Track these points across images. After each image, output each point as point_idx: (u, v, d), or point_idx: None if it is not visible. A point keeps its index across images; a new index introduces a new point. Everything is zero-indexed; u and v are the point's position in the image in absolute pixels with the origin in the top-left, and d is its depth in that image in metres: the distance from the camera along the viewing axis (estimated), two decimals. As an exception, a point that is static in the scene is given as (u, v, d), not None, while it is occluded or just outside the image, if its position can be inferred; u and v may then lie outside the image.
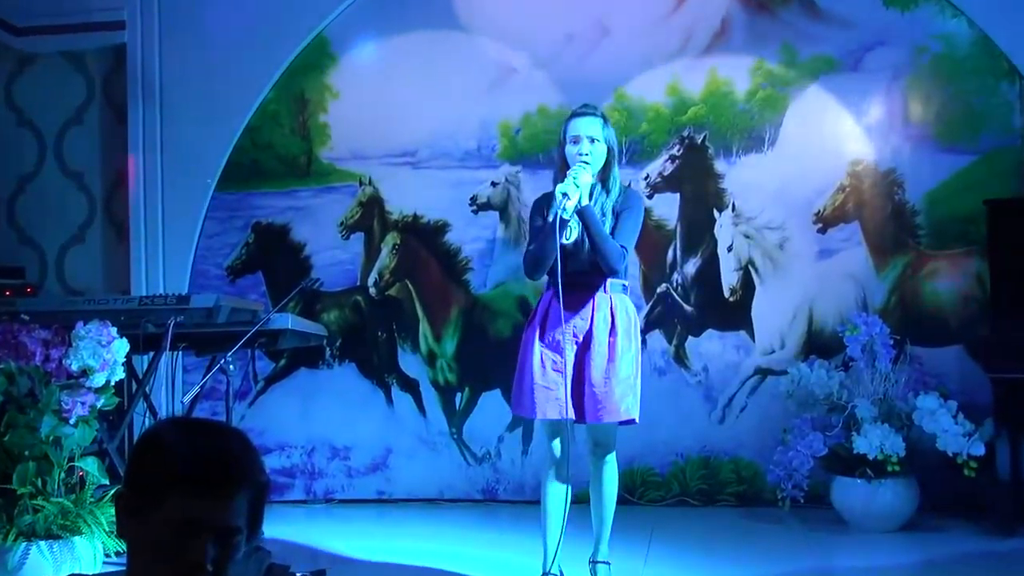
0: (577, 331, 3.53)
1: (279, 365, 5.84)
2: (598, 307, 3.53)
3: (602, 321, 3.52)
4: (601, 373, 3.49)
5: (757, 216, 5.43)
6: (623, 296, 3.61)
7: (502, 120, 5.63)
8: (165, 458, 1.53)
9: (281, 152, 5.85)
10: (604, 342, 3.51)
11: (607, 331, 3.52)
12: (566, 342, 3.51)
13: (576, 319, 3.53)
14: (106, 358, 3.81)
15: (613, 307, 3.55)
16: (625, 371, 3.52)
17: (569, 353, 3.51)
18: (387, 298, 5.75)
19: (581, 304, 3.53)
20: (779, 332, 5.40)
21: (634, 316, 3.62)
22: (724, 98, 5.47)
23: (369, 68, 5.79)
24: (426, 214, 5.72)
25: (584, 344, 3.53)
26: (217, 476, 1.52)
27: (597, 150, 3.56)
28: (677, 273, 5.50)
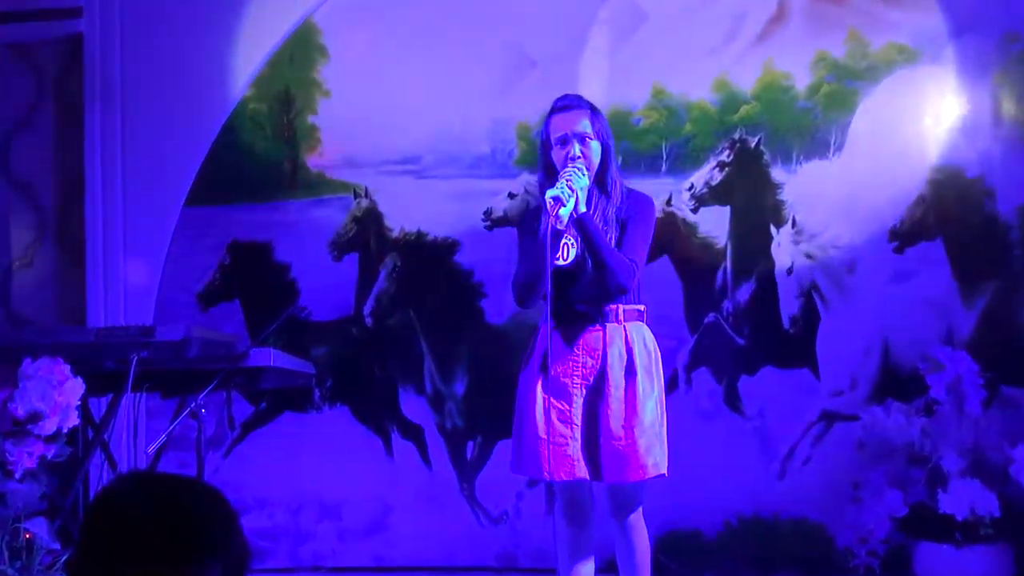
0: (587, 372, 3.48)
1: (259, 409, 5.86)
2: (611, 341, 3.48)
3: (617, 358, 3.47)
4: (620, 422, 3.44)
5: (821, 233, 5.42)
6: (640, 325, 3.55)
7: (520, 121, 5.64)
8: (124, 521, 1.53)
9: (262, 159, 5.88)
10: (620, 384, 3.46)
11: (623, 370, 3.47)
12: (574, 386, 3.46)
13: (585, 358, 3.48)
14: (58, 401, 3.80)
15: (629, 340, 3.49)
16: (649, 418, 3.47)
17: (578, 400, 3.46)
18: (386, 329, 5.76)
19: (589, 339, 3.48)
20: (848, 370, 5.38)
21: (655, 349, 3.57)
22: (781, 94, 5.47)
23: (365, 61, 5.81)
24: (432, 231, 5.74)
25: (596, 388, 3.48)
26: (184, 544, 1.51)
27: (591, 150, 3.51)
28: (727, 300, 5.49)
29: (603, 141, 3.53)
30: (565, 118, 3.52)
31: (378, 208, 5.77)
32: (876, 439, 5.02)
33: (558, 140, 3.52)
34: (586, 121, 3.51)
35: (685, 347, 5.48)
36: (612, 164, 3.56)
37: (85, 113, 5.95)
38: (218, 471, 5.65)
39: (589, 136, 3.50)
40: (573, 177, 3.39)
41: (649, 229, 3.56)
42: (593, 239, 3.40)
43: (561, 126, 3.52)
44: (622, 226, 3.50)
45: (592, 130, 3.51)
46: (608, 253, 3.41)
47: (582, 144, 3.49)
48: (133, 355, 4.31)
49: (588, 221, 3.41)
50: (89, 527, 1.57)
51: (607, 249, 3.41)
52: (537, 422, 3.47)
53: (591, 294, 3.48)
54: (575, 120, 3.51)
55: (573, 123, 3.50)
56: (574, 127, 3.50)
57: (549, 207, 3.36)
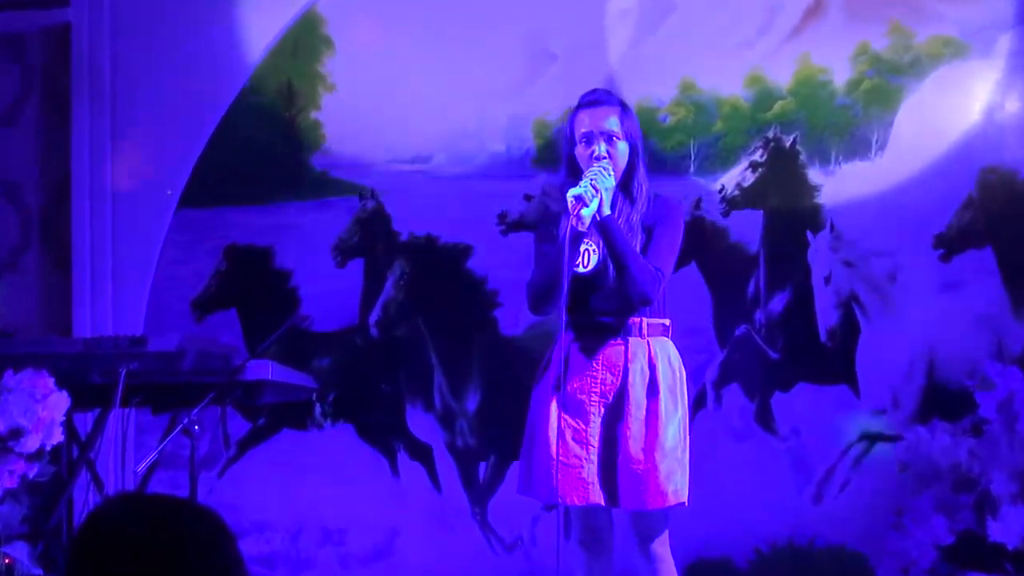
0: (606, 389, 3.47)
1: (257, 425, 5.85)
2: (633, 356, 3.47)
3: (638, 375, 3.46)
4: (639, 445, 3.43)
5: (862, 239, 5.40)
6: (665, 341, 3.55)
7: (538, 117, 5.64)
8: (113, 546, 1.53)
9: (262, 157, 5.87)
10: (642, 404, 3.45)
11: (645, 389, 3.46)
12: (591, 404, 3.45)
13: (604, 374, 3.47)
14: (41, 416, 3.80)
15: (652, 356, 3.49)
16: (671, 441, 3.46)
17: (595, 419, 3.46)
18: (393, 341, 5.76)
19: (609, 353, 3.47)
20: (890, 386, 5.35)
21: (680, 367, 3.56)
22: (819, 90, 5.45)
23: (372, 53, 5.81)
24: (442, 235, 5.73)
25: (615, 406, 3.46)
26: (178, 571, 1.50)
27: (618, 150, 3.51)
28: (760, 311, 5.47)
29: (632, 141, 3.53)
30: (592, 114, 3.52)
31: (385, 210, 5.76)
32: (920, 461, 4.98)
33: (583, 137, 3.52)
34: (615, 119, 3.51)
35: (714, 362, 5.46)
36: (640, 166, 3.56)
37: (73, 108, 5.96)
38: (212, 492, 5.65)
39: (617, 135, 3.50)
40: (598, 177, 3.39)
41: (677, 236, 3.56)
42: (616, 244, 3.39)
43: (587, 122, 3.52)
44: (647, 232, 3.50)
45: (621, 129, 3.51)
46: (632, 260, 3.40)
47: (609, 143, 3.49)
48: (122, 367, 4.30)
49: (612, 225, 3.40)
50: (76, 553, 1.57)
51: (631, 256, 3.41)
52: (550, 441, 3.47)
53: (612, 305, 3.47)
54: (603, 117, 3.51)
55: (600, 120, 3.50)
56: (601, 124, 3.50)
57: (570, 207, 3.36)
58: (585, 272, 3.46)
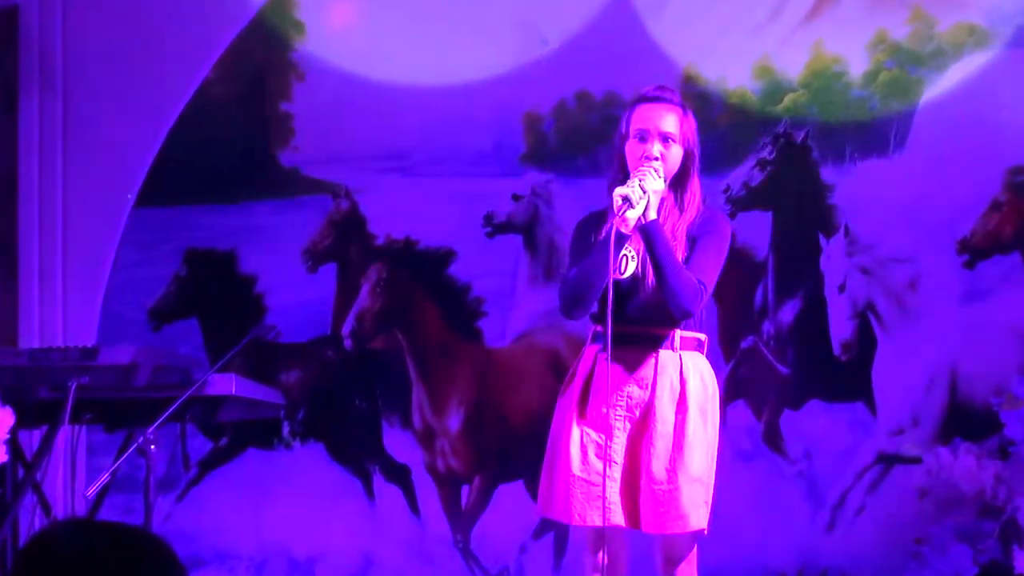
0: (632, 403, 3.50)
1: (219, 445, 5.84)
2: (662, 370, 3.51)
3: (667, 390, 3.50)
4: (663, 464, 3.46)
5: (879, 243, 5.41)
6: (698, 357, 3.59)
7: (528, 110, 5.64)
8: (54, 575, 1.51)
9: (226, 153, 5.86)
10: (669, 420, 3.48)
11: (674, 405, 3.49)
12: (616, 418, 3.47)
13: (631, 386, 3.50)
14: (-18, 433, 3.78)
15: (684, 371, 3.53)
16: (698, 464, 3.49)
17: (620, 435, 3.47)
18: (369, 353, 5.75)
19: (639, 365, 3.50)
20: (910, 404, 5.35)
21: (713, 386, 3.61)
22: (833, 82, 5.46)
23: (347, 39, 5.80)
24: (423, 238, 5.72)
25: (641, 422, 3.50)
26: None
27: (672, 154, 3.55)
28: (768, 321, 5.48)
29: (688, 147, 3.58)
30: (651, 111, 3.56)
31: (360, 211, 5.76)
32: (941, 486, 5.01)
33: (638, 133, 3.55)
34: (674, 120, 3.55)
35: (719, 376, 5.39)
36: (695, 175, 3.61)
37: (20, 98, 5.94)
38: (170, 518, 5.63)
39: (673, 137, 3.54)
40: (647, 177, 3.42)
41: (723, 250, 3.61)
42: (659, 252, 3.42)
43: (645, 119, 3.55)
44: (692, 243, 3.53)
45: (678, 131, 3.55)
46: (674, 270, 3.44)
47: (663, 144, 3.53)
48: (72, 381, 4.28)
49: (656, 231, 3.44)
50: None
51: (674, 265, 3.44)
52: (571, 457, 3.48)
53: (647, 315, 3.50)
54: (662, 116, 3.55)
55: (659, 118, 3.54)
56: (659, 123, 3.54)
57: (616, 207, 3.40)
58: (620, 278, 3.48)
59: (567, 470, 3.50)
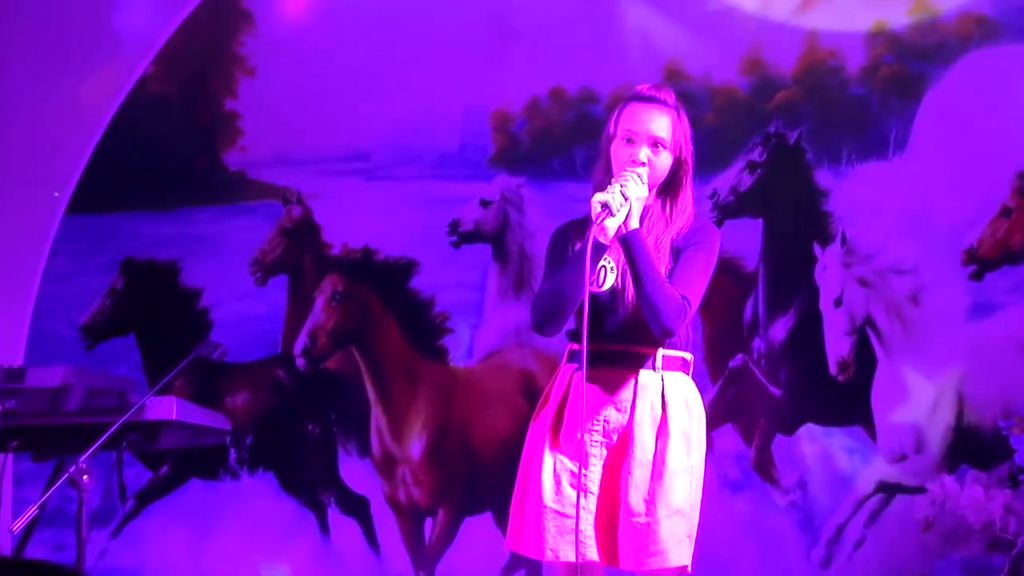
0: (610, 427, 3.48)
1: (159, 475, 5.83)
2: (642, 392, 3.47)
3: (647, 413, 3.45)
4: (642, 494, 3.42)
5: (879, 253, 5.41)
6: (682, 378, 3.55)
7: (498, 108, 5.65)
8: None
9: (167, 154, 5.87)
10: (649, 447, 3.44)
11: (654, 430, 3.45)
12: (592, 444, 3.46)
13: (608, 409, 3.47)
14: None
15: (666, 393, 3.48)
16: (679, 495, 3.44)
17: (596, 462, 3.46)
18: (323, 374, 5.75)
19: (617, 386, 3.47)
20: (913, 428, 5.34)
21: (699, 409, 3.56)
22: (828, 77, 5.47)
23: (301, 29, 5.82)
24: (383, 247, 5.73)
25: (619, 448, 3.46)
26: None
27: (660, 160, 3.52)
28: (759, 338, 5.48)
29: (679, 155, 3.55)
30: (642, 112, 3.51)
31: (314, 218, 5.77)
32: (947, 517, 5.02)
33: (625, 135, 3.52)
34: (666, 124, 3.49)
35: (705, 399, 5.38)
36: (686, 185, 3.57)
37: (-62, 94, 5.96)
38: (105, 555, 5.64)
39: (663, 143, 3.51)
40: (630, 183, 3.38)
41: (710, 263, 3.55)
42: (639, 264, 3.38)
43: (634, 120, 3.50)
44: (676, 256, 3.51)
45: (670, 137, 3.52)
46: (656, 285, 3.39)
47: (652, 149, 3.51)
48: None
49: (637, 241, 3.40)
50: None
51: (655, 280, 3.40)
52: (543, 486, 3.45)
53: (626, 332, 3.47)
54: (653, 118, 3.49)
55: (650, 121, 3.49)
56: (649, 126, 3.49)
57: (595, 214, 3.36)
58: (597, 292, 3.47)
59: (539, 501, 3.46)
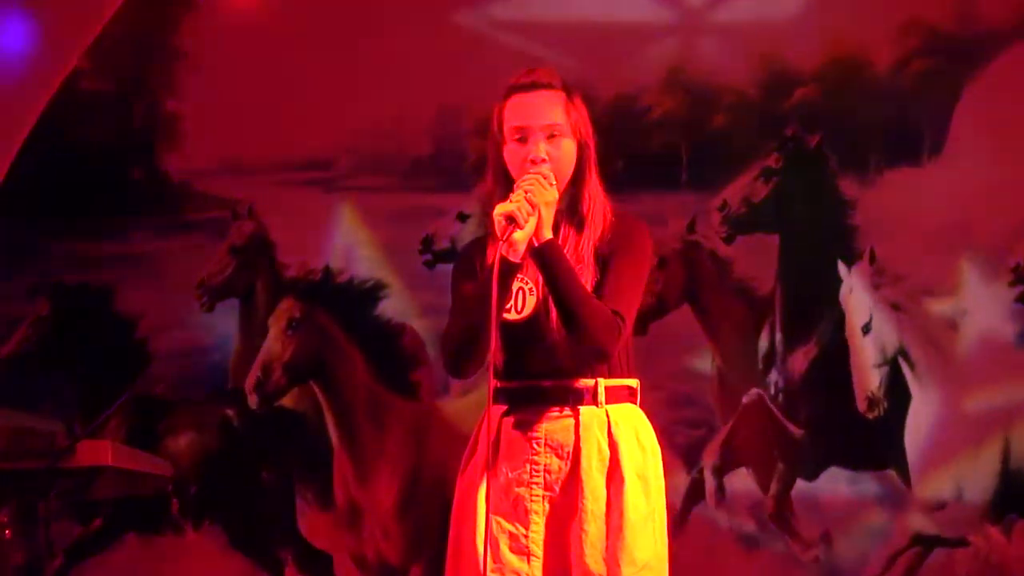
0: (552, 478, 3.37)
1: (92, 529, 5.78)
2: (585, 432, 3.36)
3: (594, 457, 3.35)
4: (599, 553, 3.31)
5: (912, 273, 5.42)
6: (631, 409, 3.44)
7: (476, 109, 5.48)
8: None
9: (100, 161, 5.86)
10: (600, 497, 3.33)
11: (603, 475, 3.36)
12: (532, 499, 3.35)
13: (547, 456, 3.37)
14: None
15: (613, 430, 3.38)
16: (644, 547, 3.35)
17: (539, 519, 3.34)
18: (278, 413, 5.72)
19: (554, 429, 3.36)
20: (952, 472, 5.35)
21: (652, 445, 3.44)
22: (853, 74, 5.48)
23: (252, 19, 5.79)
24: (346, 268, 5.73)
25: (565, 501, 3.36)
26: None
27: (563, 150, 3.45)
28: (776, 371, 5.48)
29: (580, 138, 3.50)
30: (526, 103, 3.43)
31: (268, 235, 5.77)
32: (992, 573, 5.04)
33: (515, 133, 3.46)
34: (557, 109, 3.41)
35: (715, 439, 5.45)
36: (592, 173, 3.49)
37: None
38: (29, 621, 5.57)
39: (560, 130, 3.45)
40: (535, 188, 3.30)
41: (642, 266, 3.46)
42: (559, 279, 3.31)
43: (520, 114, 3.42)
44: (603, 263, 3.44)
45: (566, 121, 3.46)
46: (580, 300, 3.31)
47: (550, 142, 3.45)
48: (-102, 449, 4.24)
49: (553, 253, 3.33)
50: None
51: (579, 294, 3.32)
52: (477, 552, 3.33)
53: (556, 362, 3.38)
54: (541, 106, 3.41)
55: (538, 110, 3.40)
56: (539, 116, 3.40)
57: (499, 229, 3.29)
58: (519, 319, 3.41)
59: (473, 570, 3.41)
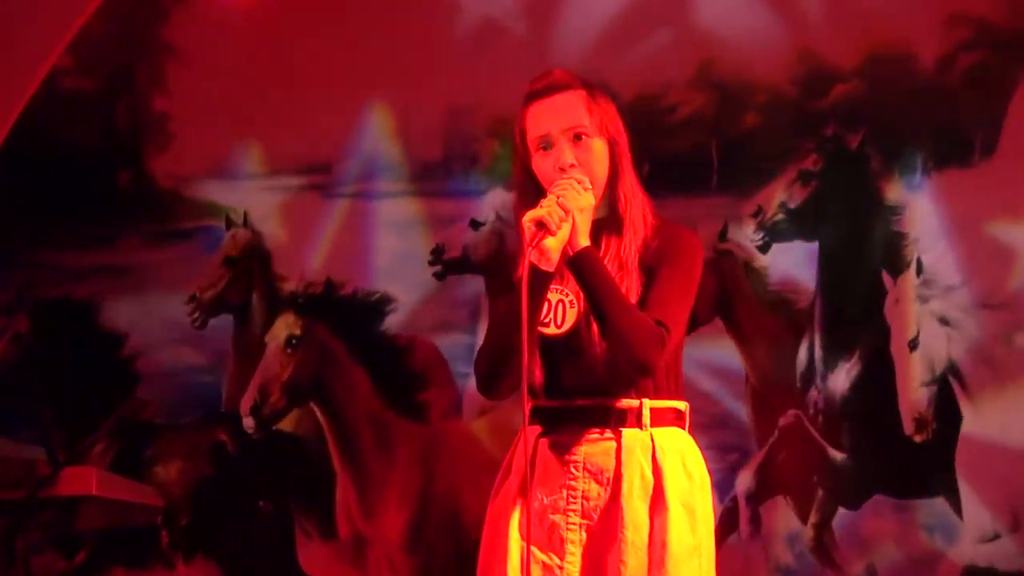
0: (590, 505, 3.38)
1: (75, 563, 5.74)
2: (627, 456, 3.38)
3: (636, 484, 3.37)
4: (638, 589, 3.40)
5: (963, 283, 5.38)
6: (678, 434, 3.46)
7: (490, 109, 5.58)
8: None
9: (83, 166, 5.86)
10: (642, 527, 3.34)
11: (646, 503, 3.37)
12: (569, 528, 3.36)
13: (585, 482, 3.39)
14: None
15: (658, 455, 3.39)
16: (688, 585, 3.43)
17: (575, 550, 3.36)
18: (276, 437, 5.72)
19: (594, 453, 3.39)
20: (1007, 500, 5.32)
21: (701, 474, 3.46)
22: (897, 69, 5.46)
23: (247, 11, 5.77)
24: (349, 280, 5.72)
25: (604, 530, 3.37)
26: None
27: (594, 151, 3.44)
28: (816, 389, 5.44)
29: (608, 136, 3.48)
30: (545, 109, 3.41)
31: (264, 244, 5.77)
32: None
33: (539, 142, 3.44)
34: (579, 109, 3.41)
35: (749, 464, 5.42)
36: (626, 171, 3.47)
37: None
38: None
39: (585, 131, 3.44)
40: (567, 193, 3.31)
41: (690, 276, 3.45)
42: (597, 288, 3.31)
43: (541, 122, 3.41)
44: (647, 273, 3.42)
45: (590, 121, 3.44)
46: (621, 310, 3.31)
47: (575, 144, 3.44)
48: None
49: (589, 260, 3.33)
50: None
51: (619, 304, 3.32)
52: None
53: (597, 380, 3.39)
54: (561, 109, 3.41)
55: (558, 114, 3.40)
56: (560, 120, 3.40)
57: (529, 237, 3.28)
58: (557, 333, 3.38)
59: None
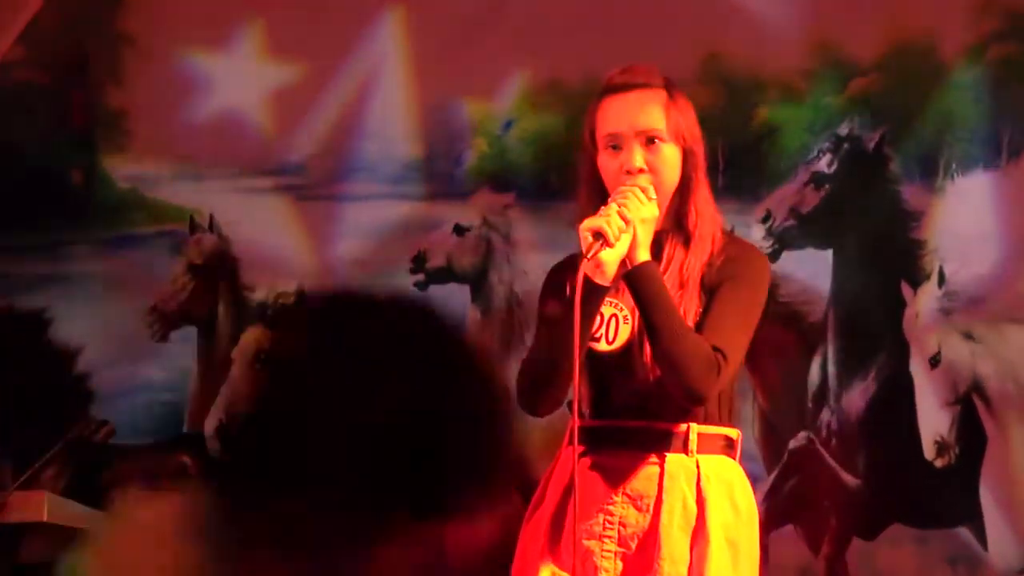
0: (627, 532, 3.41)
1: None
2: (670, 483, 3.41)
3: (677, 512, 3.40)
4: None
5: (988, 296, 5.37)
6: (726, 463, 3.49)
7: (476, 102, 5.66)
8: None
9: (33, 165, 5.84)
10: (682, 557, 3.37)
11: (688, 534, 3.40)
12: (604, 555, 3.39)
13: (624, 507, 3.42)
14: None
15: (703, 484, 3.43)
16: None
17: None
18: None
19: (636, 477, 3.43)
20: None
21: (749, 506, 3.50)
22: (918, 62, 5.46)
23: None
24: (324, 290, 5.56)
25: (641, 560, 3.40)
26: None
27: (665, 158, 3.45)
28: (828, 409, 5.45)
29: (684, 144, 3.46)
30: (620, 105, 3.45)
31: (231, 251, 5.77)
32: None
33: (609, 140, 3.44)
34: (656, 111, 3.44)
35: (758, 490, 5.32)
36: (700, 184, 3.49)
37: None
38: None
39: (660, 135, 3.43)
40: (630, 202, 3.31)
41: (756, 303, 3.49)
42: (654, 307, 3.33)
43: (613, 119, 3.44)
44: (709, 293, 3.45)
45: (666, 125, 3.44)
46: (677, 334, 3.33)
47: (648, 148, 3.42)
48: None
49: (648, 277, 3.34)
50: None
51: (676, 326, 3.34)
52: None
53: (646, 401, 3.40)
54: (637, 108, 3.43)
55: (633, 114, 3.42)
56: (634, 121, 3.42)
57: (584, 246, 3.26)
58: (609, 350, 3.39)
59: None
